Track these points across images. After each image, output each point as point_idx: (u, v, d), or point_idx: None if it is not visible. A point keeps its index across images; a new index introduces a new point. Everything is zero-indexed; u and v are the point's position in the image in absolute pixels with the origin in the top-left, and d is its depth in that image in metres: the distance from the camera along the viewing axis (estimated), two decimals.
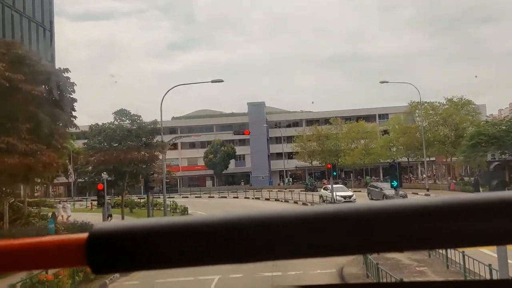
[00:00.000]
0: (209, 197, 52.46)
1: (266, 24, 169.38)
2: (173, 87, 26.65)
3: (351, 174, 54.50)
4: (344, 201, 33.31)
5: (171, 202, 35.16)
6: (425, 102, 43.78)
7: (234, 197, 49.42)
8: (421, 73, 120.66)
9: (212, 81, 26.41)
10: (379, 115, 69.02)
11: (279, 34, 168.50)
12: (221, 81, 26.41)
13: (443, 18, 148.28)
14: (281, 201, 40.95)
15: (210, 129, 73.70)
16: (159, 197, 34.23)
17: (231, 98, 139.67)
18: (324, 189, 37.47)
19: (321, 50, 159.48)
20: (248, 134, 34.06)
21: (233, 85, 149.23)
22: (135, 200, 40.01)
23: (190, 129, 75.98)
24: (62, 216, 26.65)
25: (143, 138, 27.40)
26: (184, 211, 33.65)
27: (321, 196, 35.78)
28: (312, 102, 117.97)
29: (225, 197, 50.60)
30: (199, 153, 70.10)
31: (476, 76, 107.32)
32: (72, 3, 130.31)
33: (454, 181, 43.62)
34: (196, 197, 53.59)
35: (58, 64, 26.03)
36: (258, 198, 45.39)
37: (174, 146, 76.21)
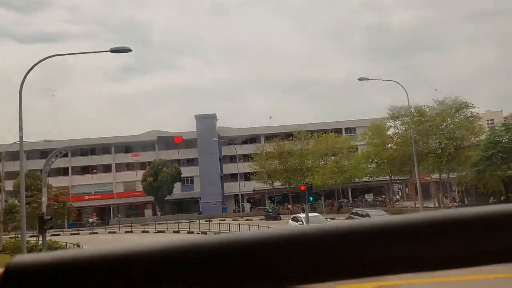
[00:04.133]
0: (143, 231, 40.85)
1: (223, 49, 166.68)
2: (44, 59, 15.93)
3: (321, 197, 44.90)
4: None
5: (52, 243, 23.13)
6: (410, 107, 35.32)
7: (174, 231, 38.18)
8: (370, 97, 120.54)
9: (112, 50, 16.22)
10: (346, 129, 60.72)
11: (235, 59, 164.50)
12: (128, 50, 16.31)
13: (389, 46, 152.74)
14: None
15: (151, 148, 62.34)
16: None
17: (186, 119, 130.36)
18: (293, 219, 27.30)
19: (277, 75, 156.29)
20: (180, 141, 23.41)
21: (188, 108, 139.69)
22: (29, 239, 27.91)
23: (128, 148, 64.20)
24: None
25: None
26: None
27: None
28: (270, 117, 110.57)
29: (163, 231, 39.19)
30: (138, 176, 58.34)
31: (436, 89, 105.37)
32: (19, 24, 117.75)
33: (455, 203, 35.05)
34: (126, 231, 41.78)
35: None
36: (206, 233, 34.55)
37: (107, 169, 64.35)
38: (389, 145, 38.45)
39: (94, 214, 55.96)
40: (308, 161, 47.07)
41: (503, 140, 25.04)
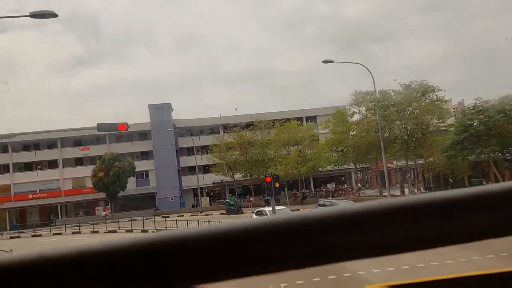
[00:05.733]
0: (92, 232, 37.18)
1: (178, 40, 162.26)
2: None
3: (285, 188, 42.95)
4: None
5: None
6: (372, 91, 33.96)
7: (127, 230, 34.93)
8: (331, 86, 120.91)
9: (32, 15, 13.06)
10: (307, 118, 59.20)
11: (190, 50, 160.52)
12: (53, 15, 13.27)
13: (345, 37, 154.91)
14: None
15: (102, 141, 57.99)
16: None
17: (141, 112, 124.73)
18: (257, 213, 25.00)
19: (232, 67, 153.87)
20: (125, 129, 20.38)
21: (143, 101, 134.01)
22: None
23: (76, 141, 59.47)
24: None
25: None
26: None
27: None
28: (236, 109, 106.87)
29: (115, 230, 35.78)
30: (88, 171, 53.97)
31: (395, 80, 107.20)
32: None
33: (423, 191, 34.10)
34: (74, 232, 37.99)
35: None
36: (147, 231, 31.69)
37: (53, 164, 59.32)
38: (354, 132, 37.03)
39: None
40: (270, 151, 45.01)
41: (474, 124, 23.96)
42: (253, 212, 27.82)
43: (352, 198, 31.82)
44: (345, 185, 57.99)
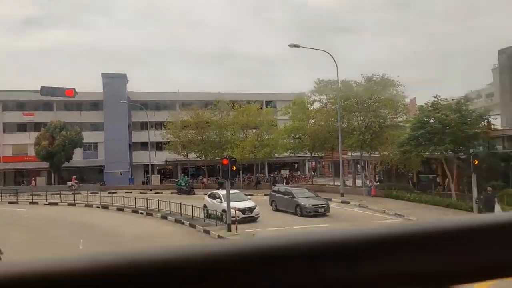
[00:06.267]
0: (31, 203, 34.81)
1: (138, 11, 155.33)
2: None
3: (240, 171, 42.32)
4: (244, 218, 20.63)
5: None
6: (334, 81, 33.86)
7: (69, 204, 32.97)
8: (286, 74, 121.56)
9: None
10: (267, 102, 58.67)
11: (151, 23, 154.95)
12: None
13: (308, 26, 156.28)
14: (141, 213, 26.47)
15: (48, 108, 54.43)
16: None
17: (93, 80, 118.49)
18: (210, 196, 24.21)
19: (195, 44, 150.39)
20: (72, 96, 18.69)
21: (96, 69, 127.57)
22: None
23: (20, 106, 55.43)
24: None
25: None
26: None
27: (205, 207, 22.40)
28: (219, 91, 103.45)
29: (57, 203, 33.69)
30: (31, 138, 50.54)
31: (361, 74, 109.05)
32: None
33: (375, 183, 34.64)
34: (10, 202, 35.43)
35: None
36: (107, 207, 30.15)
37: None
38: (313, 121, 36.88)
39: None
40: (228, 133, 44.07)
41: (431, 121, 24.34)
42: (205, 194, 26.99)
43: (306, 186, 31.76)
44: (299, 172, 58.41)
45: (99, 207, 30.68)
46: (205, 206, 22.68)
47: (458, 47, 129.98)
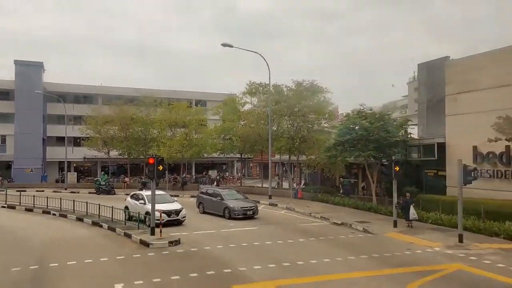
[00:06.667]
0: None
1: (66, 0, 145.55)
2: None
3: (165, 171, 40.67)
4: (169, 221, 19.61)
5: None
6: (265, 85, 33.97)
7: None
8: (218, 75, 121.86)
9: None
10: (197, 101, 57.51)
11: (73, 10, 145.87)
12: None
13: (240, 28, 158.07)
14: (53, 214, 24.11)
15: None
16: None
17: (7, 67, 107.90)
18: (132, 197, 22.71)
19: (121, 37, 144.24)
20: None
21: (10, 55, 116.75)
22: None
23: None
24: None
25: None
26: None
27: (126, 209, 20.89)
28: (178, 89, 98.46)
29: None
30: None
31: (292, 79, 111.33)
32: None
33: (302, 186, 35.10)
34: None
35: None
36: (14, 207, 27.13)
37: None
38: (244, 122, 36.65)
39: None
40: (154, 131, 42.25)
41: (356, 128, 25.19)
42: (127, 195, 25.39)
43: (235, 187, 31.33)
44: (227, 173, 57.99)
45: (4, 207, 27.53)
46: (126, 207, 21.17)
47: (376, 60, 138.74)
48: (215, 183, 40.53)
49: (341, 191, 31.26)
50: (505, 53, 21.68)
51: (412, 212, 19.45)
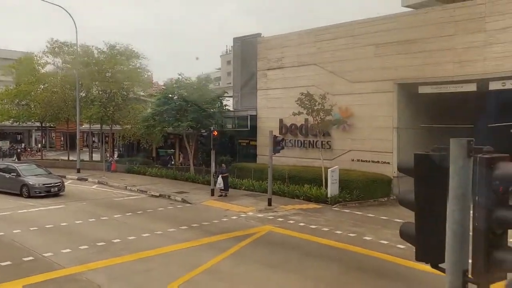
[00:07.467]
0: None
1: None
2: None
3: None
4: None
5: None
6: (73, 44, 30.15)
7: None
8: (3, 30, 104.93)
9: None
10: None
11: None
12: None
13: None
14: None
15: None
16: None
17: None
18: None
19: None
20: None
21: None
22: None
23: None
24: None
25: None
26: None
27: None
28: None
29: None
30: None
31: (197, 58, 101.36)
32: None
33: (116, 158, 32.46)
34: None
35: None
36: None
37: None
38: (45, 86, 31.78)
39: None
40: None
41: (175, 98, 24.69)
42: None
43: (36, 161, 27.17)
44: (23, 144, 50.07)
45: None
46: None
47: (192, 32, 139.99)
48: (15, 156, 34.64)
49: (159, 161, 30.59)
50: (308, 34, 24.15)
51: (219, 182, 19.99)
